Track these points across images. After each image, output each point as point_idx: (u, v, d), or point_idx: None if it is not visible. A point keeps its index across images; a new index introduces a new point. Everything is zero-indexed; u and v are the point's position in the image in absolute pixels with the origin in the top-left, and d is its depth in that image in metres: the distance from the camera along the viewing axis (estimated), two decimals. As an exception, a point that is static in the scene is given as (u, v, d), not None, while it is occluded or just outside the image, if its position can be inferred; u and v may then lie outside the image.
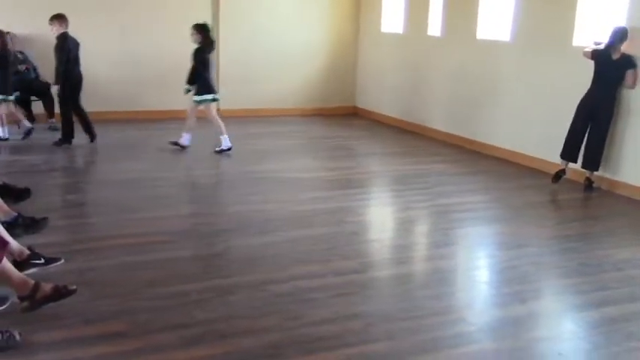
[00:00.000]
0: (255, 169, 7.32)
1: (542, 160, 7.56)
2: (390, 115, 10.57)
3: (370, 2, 11.00)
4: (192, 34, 7.88)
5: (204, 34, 7.85)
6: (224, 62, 10.47)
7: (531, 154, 7.74)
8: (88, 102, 9.22)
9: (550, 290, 4.42)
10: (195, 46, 7.90)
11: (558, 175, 6.83)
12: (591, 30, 7.04)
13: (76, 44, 8.02)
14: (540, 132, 7.64)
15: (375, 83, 11.02)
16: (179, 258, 4.60)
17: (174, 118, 10.11)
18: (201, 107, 8.03)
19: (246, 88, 10.69)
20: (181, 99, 8.72)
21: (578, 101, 6.89)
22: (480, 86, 8.58)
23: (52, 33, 7.79)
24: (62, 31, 7.78)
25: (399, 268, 4.72)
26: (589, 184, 6.71)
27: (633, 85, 6.45)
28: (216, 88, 8.12)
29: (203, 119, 8.14)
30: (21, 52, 8.93)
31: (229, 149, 7.95)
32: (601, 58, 6.52)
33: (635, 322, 3.86)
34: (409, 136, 9.61)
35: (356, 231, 5.48)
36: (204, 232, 5.17)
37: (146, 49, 10.02)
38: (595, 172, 6.72)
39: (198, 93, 7.93)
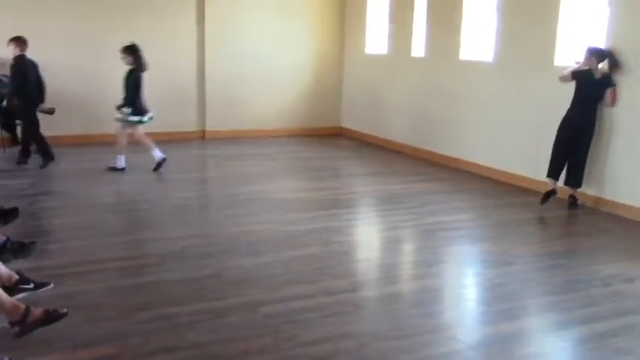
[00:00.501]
0: (242, 190, 7.34)
1: (525, 177, 7.67)
2: (375, 135, 10.66)
3: (354, 24, 11.13)
4: (122, 57, 7.87)
5: (135, 55, 7.86)
6: (210, 84, 10.53)
7: (515, 172, 7.84)
8: (68, 124, 9.28)
9: (538, 307, 4.46)
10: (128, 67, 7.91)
11: (548, 195, 6.88)
12: (572, 49, 7.18)
13: (34, 66, 8.10)
14: (523, 150, 7.74)
15: (360, 104, 11.12)
16: (170, 280, 4.59)
17: (166, 140, 10.13)
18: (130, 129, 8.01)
19: (231, 110, 10.74)
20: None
21: (559, 119, 7.02)
22: (463, 106, 8.70)
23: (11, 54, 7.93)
24: (19, 53, 7.85)
25: (389, 287, 4.74)
26: (573, 202, 6.80)
27: (612, 104, 6.58)
28: (147, 110, 8.08)
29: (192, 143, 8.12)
30: (5, 76, 8.92)
31: (122, 169, 7.96)
32: (583, 77, 6.64)
33: (623, 337, 3.91)
34: (395, 155, 9.69)
35: (345, 251, 5.51)
36: (194, 254, 5.16)
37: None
38: (578, 190, 6.81)
39: (128, 114, 7.90)
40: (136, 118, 7.95)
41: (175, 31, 10.22)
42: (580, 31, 7.17)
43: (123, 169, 7.95)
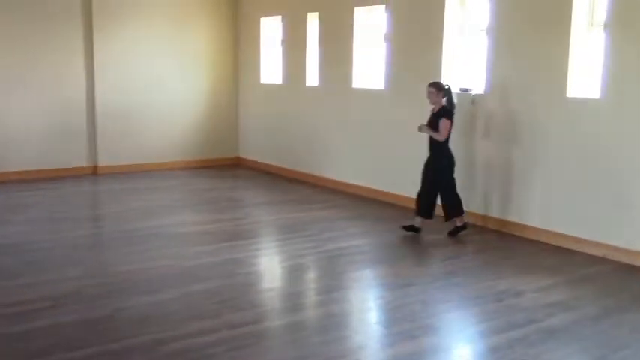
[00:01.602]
0: (139, 226, 7.14)
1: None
2: (273, 164, 10.71)
3: (249, 55, 11.19)
4: None
5: None
6: (100, 118, 10.19)
7: (410, 196, 8.09)
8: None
9: (437, 325, 4.61)
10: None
11: (412, 228, 6.81)
12: (456, 76, 7.57)
13: None
14: (415, 173, 8.00)
15: (257, 133, 11.16)
16: (65, 323, 4.38)
17: (57, 177, 9.75)
18: None
19: (125, 144, 10.46)
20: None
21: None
22: (356, 132, 8.92)
23: None
24: None
25: (293, 316, 4.75)
26: (456, 229, 6.80)
27: (441, 135, 6.51)
28: None
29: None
30: None
31: None
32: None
33: (518, 347, 4.11)
34: (293, 184, 9.76)
35: (248, 282, 5.47)
36: (90, 294, 4.95)
37: (21, 109, 9.60)
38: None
39: None
40: None
41: (62, 63, 9.86)
42: (464, 59, 7.58)
43: None
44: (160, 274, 5.49)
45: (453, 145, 6.72)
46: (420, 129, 6.67)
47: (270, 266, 6.20)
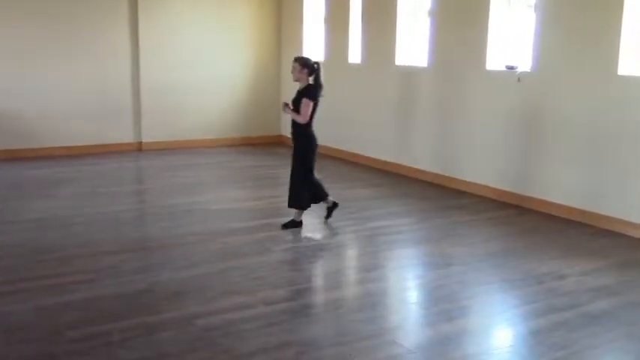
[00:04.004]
0: (178, 201, 7.18)
1: (461, 180, 7.78)
2: (314, 142, 10.63)
3: (291, 32, 11.12)
4: None
5: None
6: (145, 95, 10.30)
7: (451, 175, 7.96)
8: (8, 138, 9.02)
9: (477, 307, 4.51)
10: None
11: (293, 223, 6.21)
12: (503, 53, 7.35)
13: None
14: (458, 152, 7.86)
15: (299, 111, 11.08)
16: (101, 297, 4.43)
17: (102, 152, 9.93)
18: None
19: (169, 119, 10.55)
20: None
21: (492, 121, 7.17)
22: (399, 111, 8.78)
23: None
24: None
25: (330, 294, 4.71)
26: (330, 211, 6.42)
27: (301, 117, 6.02)
28: None
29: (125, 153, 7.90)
30: None
31: None
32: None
33: (558, 332, 3.98)
34: (334, 162, 9.69)
35: (285, 259, 5.45)
36: (128, 268, 5.00)
37: (68, 85, 9.75)
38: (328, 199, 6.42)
39: None
40: None
41: (109, 41, 9.96)
42: (510, 35, 7.34)
43: None
44: (198, 250, 5.51)
45: (508, 122, 6.45)
46: (284, 109, 6.14)
47: (308, 243, 6.16)
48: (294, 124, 6.17)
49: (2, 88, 9.31)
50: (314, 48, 10.62)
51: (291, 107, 6.15)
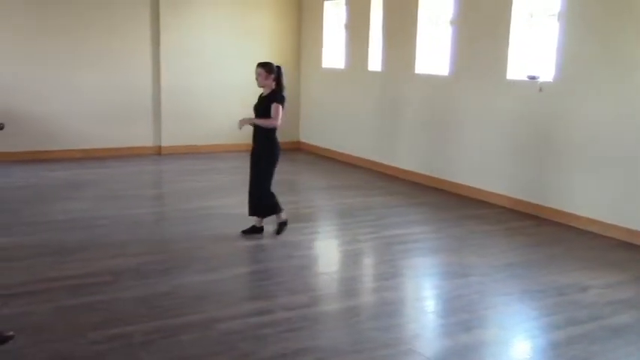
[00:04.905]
0: (198, 205, 7.23)
1: (479, 189, 7.75)
2: (332, 149, 10.66)
3: (311, 39, 11.16)
4: None
5: None
6: (165, 99, 10.39)
7: (469, 184, 7.93)
8: (17, 140, 9.13)
9: (496, 318, 4.49)
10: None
11: (252, 230, 6.15)
12: (524, 63, 7.32)
13: None
14: (478, 162, 7.84)
15: (318, 118, 11.13)
16: (122, 299, 4.47)
17: (122, 155, 10.01)
18: None
19: (188, 125, 10.62)
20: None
21: (511, 131, 7.14)
22: (419, 119, 8.77)
23: None
24: None
25: (348, 301, 4.71)
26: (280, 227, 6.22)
27: (274, 120, 5.97)
28: None
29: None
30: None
31: None
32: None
33: (578, 344, 3.95)
34: (353, 169, 9.70)
35: (304, 265, 5.46)
36: (148, 270, 5.04)
37: (90, 89, 9.87)
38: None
39: None
40: None
41: (130, 45, 10.09)
42: (532, 45, 7.32)
43: None
44: (217, 254, 5.54)
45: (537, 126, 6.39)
46: (242, 123, 6.07)
47: (326, 250, 6.17)
48: (259, 130, 6.07)
49: (28, 92, 9.45)
50: (334, 55, 10.66)
51: (253, 115, 6.09)
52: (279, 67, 6.10)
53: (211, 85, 10.69)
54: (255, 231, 6.14)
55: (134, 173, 9.04)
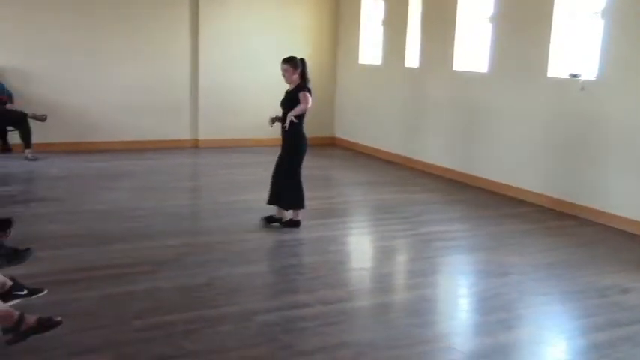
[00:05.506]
0: (237, 198, 7.31)
1: (520, 189, 7.68)
2: (368, 145, 10.65)
3: (348, 34, 11.16)
4: None
5: None
6: (203, 93, 10.51)
7: (509, 183, 7.85)
8: (60, 131, 9.34)
9: (535, 317, 4.45)
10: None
11: (269, 220, 6.19)
12: (565, 61, 7.22)
13: None
14: (516, 161, 7.76)
15: (354, 114, 11.13)
16: (164, 288, 4.54)
17: (160, 148, 10.15)
18: None
19: (225, 119, 10.72)
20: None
21: (551, 129, 7.04)
22: (456, 116, 8.72)
23: None
24: None
25: (386, 297, 4.72)
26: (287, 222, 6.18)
27: (305, 103, 6.04)
28: None
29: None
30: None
31: None
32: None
33: (621, 347, 3.90)
34: (388, 166, 9.68)
35: (341, 260, 5.49)
36: (188, 262, 5.11)
37: (130, 82, 10.04)
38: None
39: None
40: None
41: (169, 39, 10.22)
42: (574, 43, 7.21)
43: None
44: (254, 247, 5.60)
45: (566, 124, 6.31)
46: (273, 121, 6.20)
47: (362, 246, 6.18)
48: (289, 127, 6.02)
49: (70, 85, 9.65)
50: (371, 51, 10.64)
51: (282, 111, 6.13)
52: (302, 60, 6.11)
53: (248, 79, 10.75)
54: (272, 221, 6.15)
55: (172, 166, 9.15)
